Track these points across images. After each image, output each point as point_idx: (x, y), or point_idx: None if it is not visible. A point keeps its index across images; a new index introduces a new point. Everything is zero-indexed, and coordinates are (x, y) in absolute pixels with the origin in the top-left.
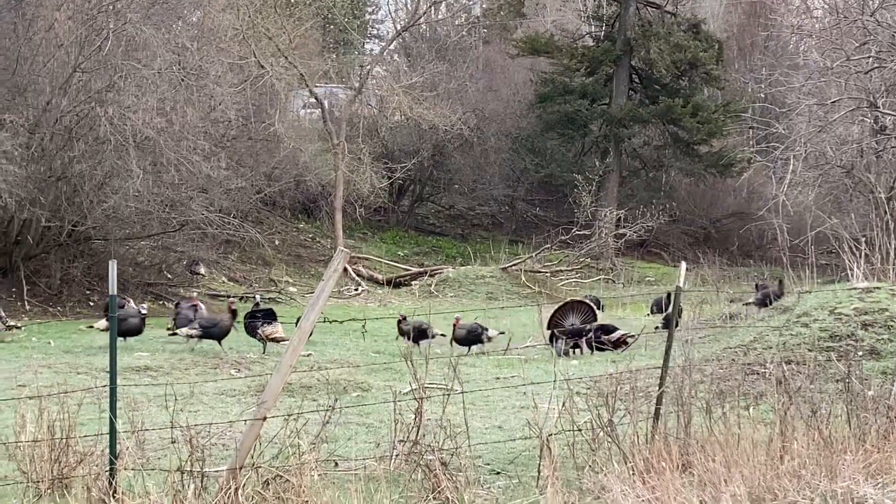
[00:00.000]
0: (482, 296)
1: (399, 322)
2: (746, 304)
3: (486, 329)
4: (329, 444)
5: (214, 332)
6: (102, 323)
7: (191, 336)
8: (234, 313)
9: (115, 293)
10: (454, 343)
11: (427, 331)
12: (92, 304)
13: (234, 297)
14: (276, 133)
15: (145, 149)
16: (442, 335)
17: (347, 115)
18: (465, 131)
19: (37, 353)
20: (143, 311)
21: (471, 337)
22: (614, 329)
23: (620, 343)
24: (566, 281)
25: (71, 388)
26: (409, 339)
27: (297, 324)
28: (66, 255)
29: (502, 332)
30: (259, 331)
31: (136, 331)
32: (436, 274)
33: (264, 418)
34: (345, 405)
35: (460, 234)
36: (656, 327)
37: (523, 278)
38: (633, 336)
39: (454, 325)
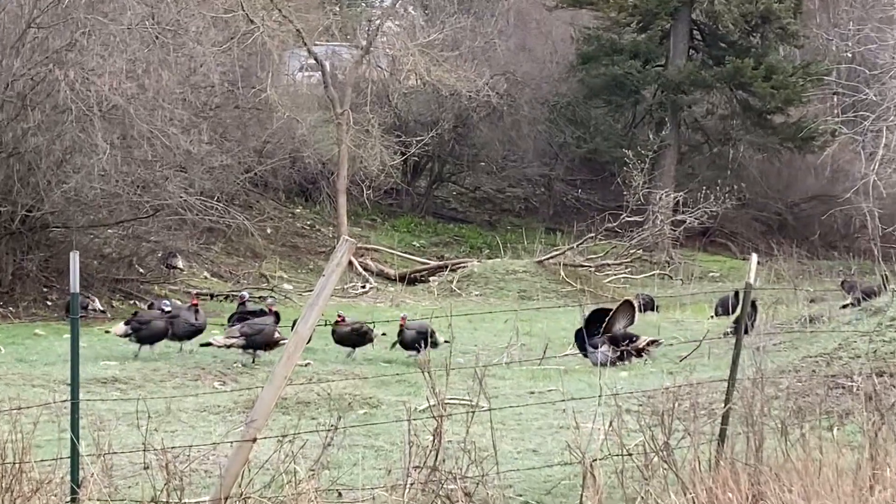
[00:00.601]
0: (513, 294)
1: (402, 327)
2: (843, 306)
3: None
4: (331, 471)
5: (258, 340)
6: (121, 328)
7: (230, 346)
8: (276, 316)
9: (78, 290)
10: (400, 346)
11: (424, 337)
12: (50, 303)
13: (201, 293)
14: (267, 101)
15: (113, 119)
16: (446, 342)
17: (353, 80)
18: (494, 98)
19: None
20: (168, 309)
21: (420, 339)
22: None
23: (643, 350)
24: (613, 277)
25: (25, 404)
26: (415, 347)
27: (292, 328)
28: (18, 245)
29: (447, 341)
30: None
31: (162, 334)
32: (458, 268)
33: (254, 440)
34: (350, 424)
35: (487, 221)
36: (726, 332)
37: (562, 274)
38: (657, 342)
39: (401, 326)
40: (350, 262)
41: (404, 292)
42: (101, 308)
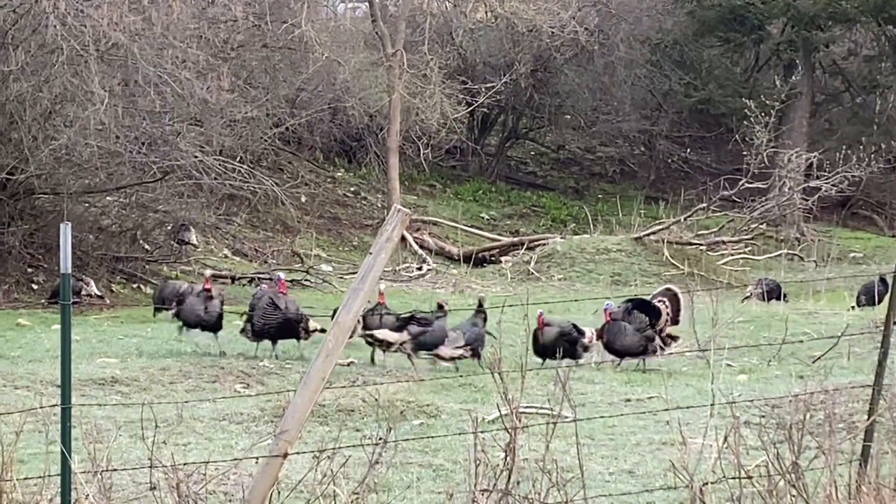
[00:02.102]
0: (605, 278)
1: (540, 327)
2: None
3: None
4: (379, 494)
5: (427, 339)
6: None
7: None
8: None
9: (69, 271)
10: (535, 353)
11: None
12: (36, 286)
13: (219, 275)
14: (302, 38)
15: (112, 61)
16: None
17: (407, 12)
18: (582, 35)
19: None
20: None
21: (563, 342)
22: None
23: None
24: (730, 258)
25: (5, 409)
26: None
27: (332, 317)
28: None
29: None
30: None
31: (215, 324)
32: (537, 246)
33: (285, 455)
34: (402, 437)
35: (573, 188)
36: (877, 326)
37: (666, 253)
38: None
39: (539, 325)
40: (403, 238)
41: (470, 275)
42: (98, 293)
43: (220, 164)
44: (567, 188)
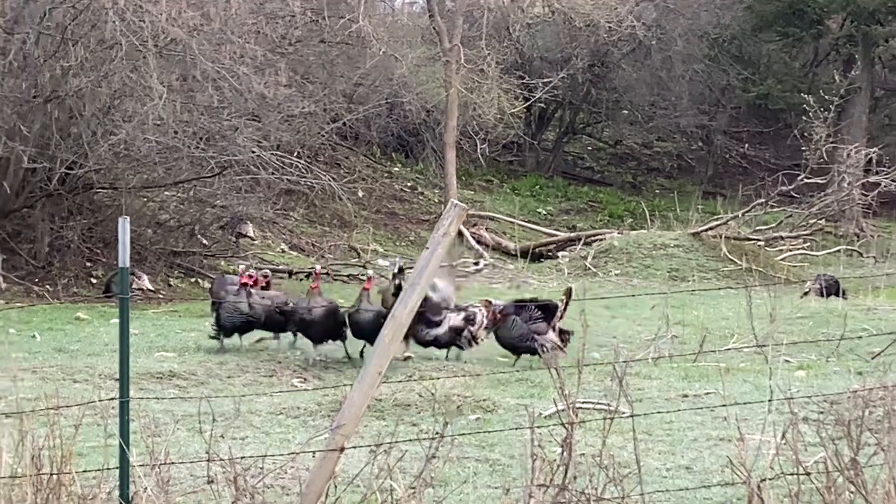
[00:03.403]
0: (662, 274)
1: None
2: None
3: None
4: (436, 489)
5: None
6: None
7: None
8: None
9: (128, 265)
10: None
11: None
12: (94, 280)
13: (276, 270)
14: (360, 34)
15: (171, 57)
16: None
17: (465, 8)
18: (640, 30)
19: (16, 351)
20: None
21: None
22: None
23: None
24: (788, 253)
25: (65, 403)
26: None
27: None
28: (57, 210)
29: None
30: None
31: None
32: (594, 241)
33: (342, 449)
34: (459, 432)
35: (630, 184)
36: None
37: (724, 249)
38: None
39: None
40: (460, 233)
41: (527, 270)
42: (150, 287)
43: (277, 159)
44: (624, 183)
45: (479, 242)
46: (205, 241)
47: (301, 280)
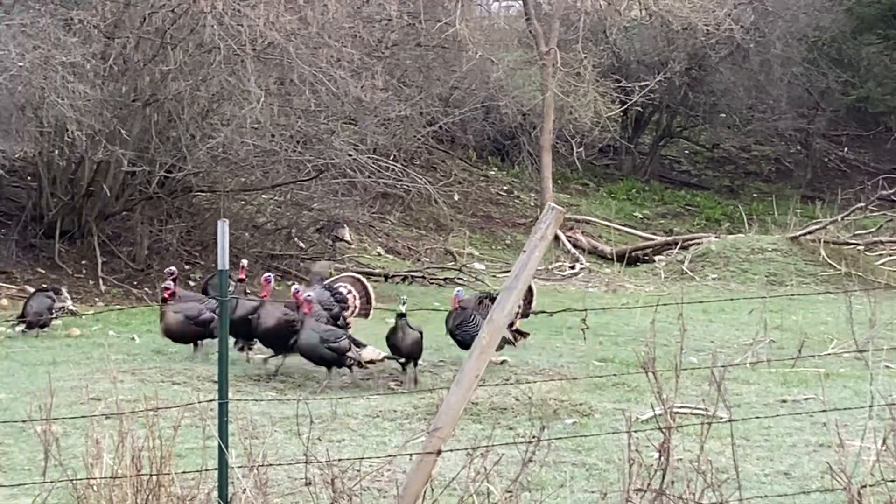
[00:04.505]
0: (760, 278)
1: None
2: None
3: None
4: (532, 493)
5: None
6: None
7: None
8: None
9: (227, 267)
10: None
11: None
12: (193, 283)
13: (371, 272)
14: (456, 37)
15: (268, 61)
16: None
17: (561, 10)
18: (738, 33)
19: (115, 353)
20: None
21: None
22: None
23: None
24: (888, 258)
25: (164, 404)
26: None
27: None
28: (156, 213)
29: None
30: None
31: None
32: (691, 245)
33: (438, 452)
34: (556, 436)
35: (728, 187)
36: None
37: (823, 253)
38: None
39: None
40: (556, 237)
41: (623, 274)
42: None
43: (373, 163)
44: (721, 187)
45: (575, 246)
46: (301, 245)
47: (397, 283)
